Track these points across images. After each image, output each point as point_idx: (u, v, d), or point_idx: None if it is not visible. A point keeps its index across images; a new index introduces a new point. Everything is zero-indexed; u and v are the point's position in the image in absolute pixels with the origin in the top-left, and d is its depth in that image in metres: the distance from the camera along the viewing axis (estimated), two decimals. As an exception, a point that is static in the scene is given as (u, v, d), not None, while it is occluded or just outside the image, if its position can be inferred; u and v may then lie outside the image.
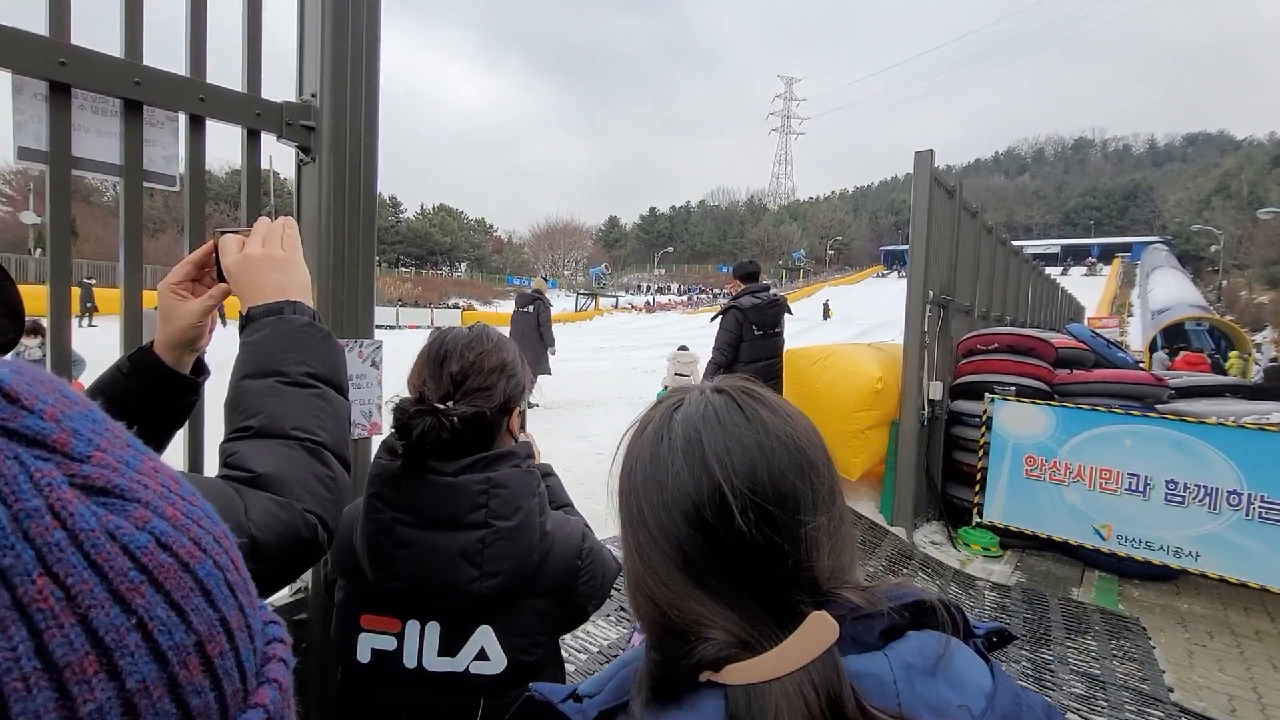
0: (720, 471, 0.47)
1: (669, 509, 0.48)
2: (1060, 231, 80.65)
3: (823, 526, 0.47)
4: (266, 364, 0.70)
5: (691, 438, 0.49)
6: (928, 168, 4.57)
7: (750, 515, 0.46)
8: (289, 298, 0.74)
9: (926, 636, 0.46)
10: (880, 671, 0.44)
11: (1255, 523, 3.61)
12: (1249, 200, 47.91)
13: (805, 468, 0.48)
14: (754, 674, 0.43)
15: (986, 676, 0.46)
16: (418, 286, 49.38)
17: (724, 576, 0.47)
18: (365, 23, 1.28)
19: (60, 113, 0.96)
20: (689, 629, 0.46)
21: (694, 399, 0.52)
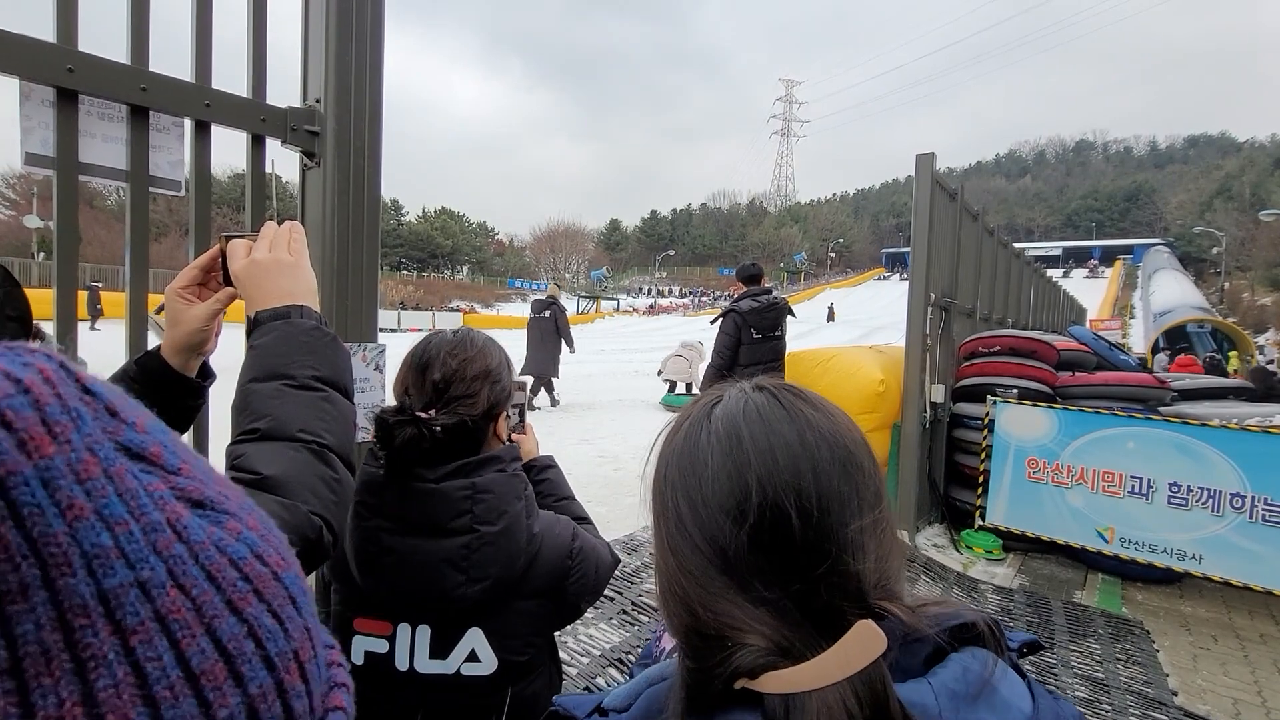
0: (761, 468, 0.45)
1: (707, 505, 0.47)
2: (1062, 234, 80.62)
3: (868, 529, 0.46)
4: (274, 367, 0.70)
5: (732, 433, 0.48)
6: (929, 171, 4.58)
7: (792, 514, 0.44)
8: (296, 302, 0.75)
9: (968, 659, 0.44)
10: (925, 701, 0.42)
11: (1259, 525, 3.60)
12: (1251, 202, 47.86)
13: (850, 466, 0.47)
14: (794, 683, 0.41)
15: (1027, 698, 0.45)
16: (419, 289, 49.46)
17: (764, 578, 0.45)
18: (369, 29, 1.29)
19: (67, 119, 0.97)
20: (724, 634, 0.44)
21: (734, 395, 0.51)
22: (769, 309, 4.40)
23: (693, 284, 72.05)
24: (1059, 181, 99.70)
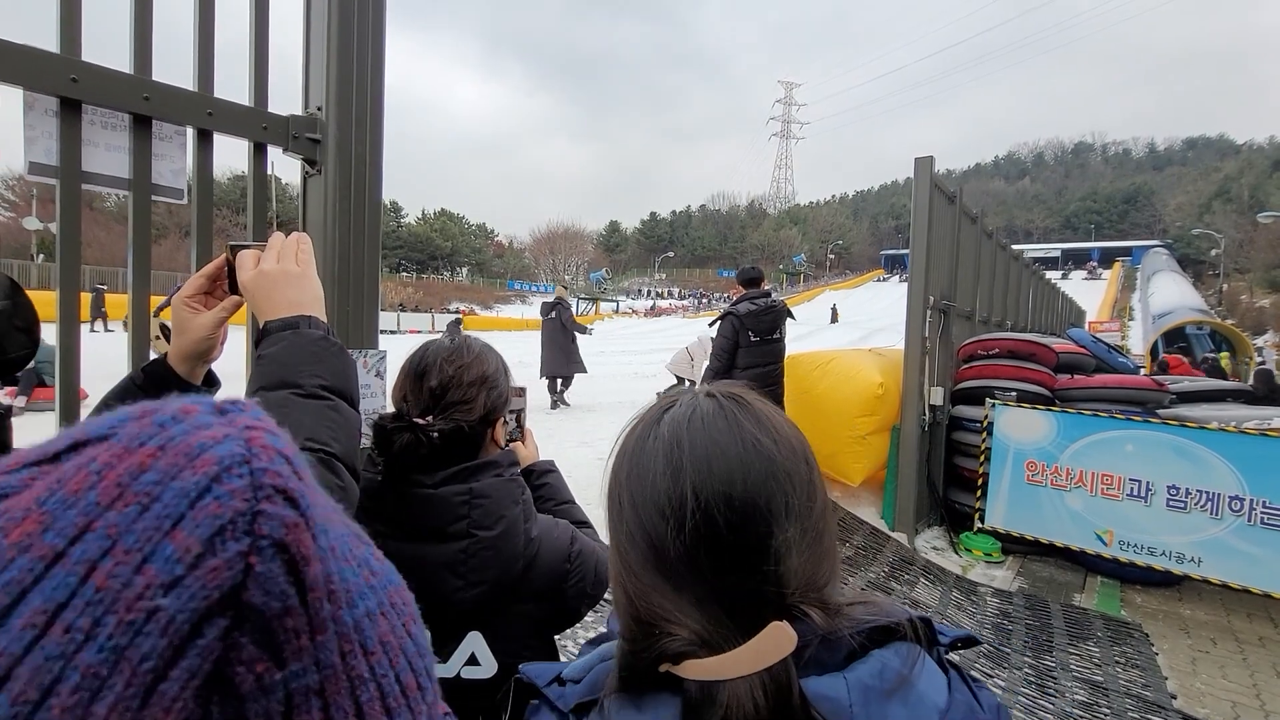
0: (696, 475, 0.48)
1: (647, 505, 0.50)
2: (1061, 235, 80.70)
3: (794, 539, 0.48)
4: (282, 376, 0.71)
5: (675, 439, 0.51)
6: (928, 173, 4.59)
7: (720, 519, 0.47)
8: (304, 312, 0.76)
9: (889, 655, 0.47)
10: (838, 695, 0.45)
11: (1257, 528, 3.60)
12: (1249, 204, 47.93)
13: (780, 478, 0.49)
14: (710, 671, 0.45)
15: (944, 693, 0.48)
16: (419, 291, 49.46)
17: (691, 576, 0.48)
18: (370, 37, 1.30)
19: (70, 128, 0.97)
20: (655, 622, 0.48)
21: (685, 402, 0.54)
22: (766, 312, 4.41)
23: (692, 286, 72.07)
24: (1058, 183, 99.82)
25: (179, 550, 0.18)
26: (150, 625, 0.17)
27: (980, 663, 3.01)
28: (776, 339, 4.46)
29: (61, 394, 1.00)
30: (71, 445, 0.19)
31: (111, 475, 0.18)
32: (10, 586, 0.16)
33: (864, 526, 4.59)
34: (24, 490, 0.18)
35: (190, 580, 0.18)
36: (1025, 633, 3.41)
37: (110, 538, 0.17)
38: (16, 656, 0.16)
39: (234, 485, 0.19)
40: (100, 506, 0.18)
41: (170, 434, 0.19)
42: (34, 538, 0.17)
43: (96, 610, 0.17)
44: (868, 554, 4.19)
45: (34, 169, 0.96)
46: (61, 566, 0.17)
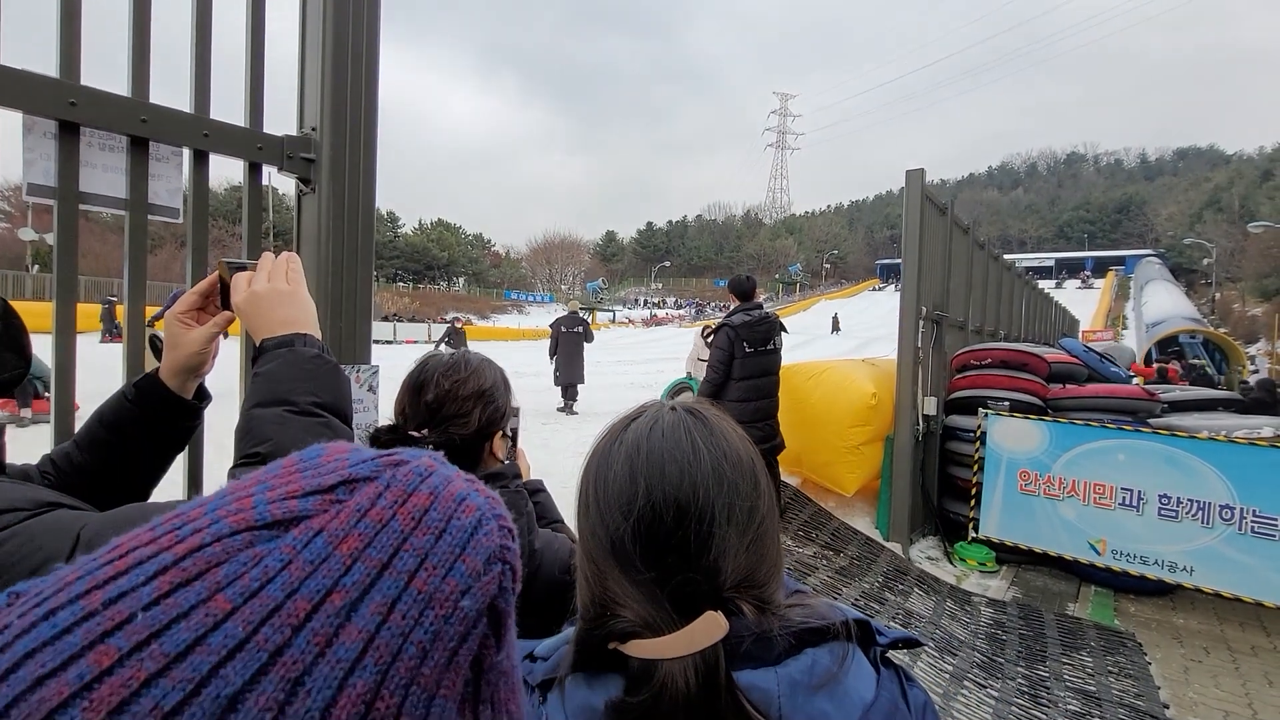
0: (650, 477, 0.55)
1: (609, 501, 0.56)
2: (1054, 245, 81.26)
3: (733, 540, 0.54)
4: (277, 393, 0.73)
5: (637, 444, 0.57)
6: (919, 186, 4.64)
7: (667, 517, 0.53)
8: (299, 330, 0.78)
9: (822, 653, 0.53)
10: (767, 686, 0.50)
11: (1248, 537, 3.63)
12: (1240, 214, 48.37)
13: (725, 485, 0.55)
14: (650, 651, 0.51)
15: (871, 689, 0.53)
16: (415, 301, 49.45)
17: (641, 565, 0.54)
18: (364, 59, 1.32)
19: (69, 150, 0.99)
20: (608, 605, 0.55)
21: (650, 413, 0.61)
22: (760, 323, 4.42)
23: (689, 295, 72.22)
24: (1050, 193, 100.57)
25: (469, 569, 0.25)
26: (454, 616, 0.24)
27: (974, 673, 3.02)
28: (771, 350, 4.47)
29: (57, 406, 1.02)
30: (344, 481, 0.25)
31: (405, 510, 0.25)
32: (355, 586, 0.22)
33: (858, 536, 4.60)
34: (322, 514, 0.24)
35: (476, 589, 0.25)
36: (1019, 642, 3.42)
37: (420, 555, 0.24)
38: (370, 634, 0.22)
39: (491, 526, 0.26)
40: (403, 533, 0.24)
41: (433, 483, 0.26)
42: (359, 553, 0.23)
43: (420, 606, 0.23)
44: (862, 564, 4.19)
45: (32, 190, 0.98)
46: (390, 574, 0.23)
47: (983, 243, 6.91)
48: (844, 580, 3.84)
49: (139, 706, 0.19)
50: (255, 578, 0.22)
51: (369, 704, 0.21)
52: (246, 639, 0.20)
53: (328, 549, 0.23)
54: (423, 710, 0.22)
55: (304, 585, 0.22)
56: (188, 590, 0.21)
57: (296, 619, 0.21)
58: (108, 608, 0.21)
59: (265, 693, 0.20)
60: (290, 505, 0.24)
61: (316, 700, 0.20)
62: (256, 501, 0.24)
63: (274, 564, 0.22)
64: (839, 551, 4.28)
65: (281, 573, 0.22)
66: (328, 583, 0.22)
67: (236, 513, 0.24)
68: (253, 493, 0.25)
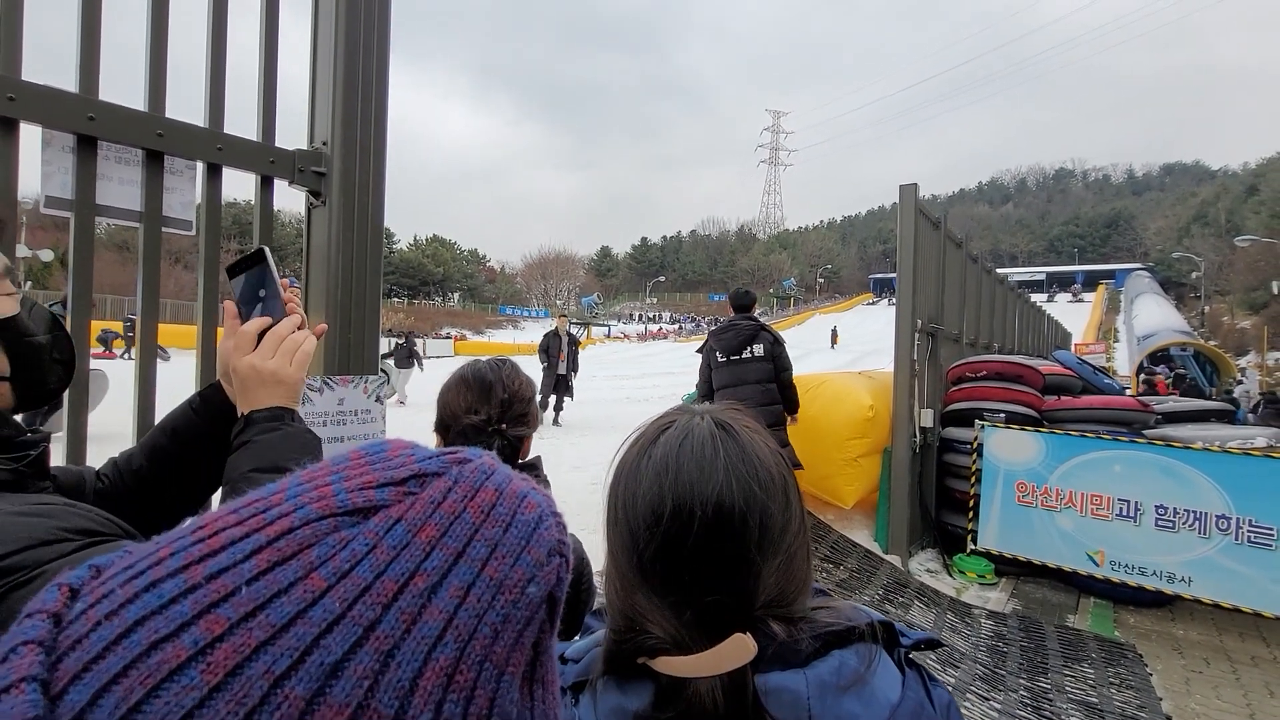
0: (680, 495, 0.53)
1: (636, 517, 0.55)
2: (1045, 259, 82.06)
3: (764, 560, 0.53)
4: (275, 460, 0.76)
5: (667, 459, 0.56)
6: (913, 200, 4.70)
7: (698, 537, 0.52)
8: (286, 407, 0.81)
9: (849, 655, 0.53)
10: (797, 688, 0.50)
11: (1245, 547, 3.64)
12: (1226, 228, 49.05)
13: (755, 506, 0.54)
14: (678, 669, 0.51)
15: (897, 690, 0.53)
16: (410, 316, 49.42)
17: (670, 583, 0.53)
18: (374, 75, 1.35)
19: (86, 164, 1.01)
20: (637, 620, 0.54)
21: (680, 424, 0.59)
22: (727, 330, 4.44)
23: (683, 310, 72.45)
24: (1041, 208, 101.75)
25: (533, 559, 0.27)
26: (521, 601, 0.26)
27: (976, 685, 3.01)
28: (748, 359, 4.42)
29: (71, 418, 1.02)
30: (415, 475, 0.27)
31: (474, 504, 0.27)
32: (435, 570, 0.24)
33: (858, 549, 4.60)
34: (399, 504, 0.26)
35: (540, 577, 0.27)
36: (1020, 655, 3.41)
37: (490, 545, 0.26)
38: (450, 614, 0.24)
39: (551, 522, 0.28)
40: (474, 525, 0.26)
41: (497, 481, 0.28)
42: (437, 541, 0.25)
43: (493, 590, 0.25)
44: (862, 577, 4.18)
45: (50, 202, 0.99)
46: (465, 561, 0.25)
47: (975, 256, 6.98)
48: (844, 593, 3.83)
49: (253, 670, 0.20)
50: (345, 559, 0.24)
51: (450, 676, 0.23)
52: (343, 614, 0.22)
53: (408, 536, 0.25)
54: (494, 685, 0.24)
55: (390, 568, 0.24)
56: (285, 568, 0.23)
57: (386, 598, 0.23)
58: (211, 581, 0.22)
59: (362, 663, 0.22)
60: (369, 494, 0.26)
61: (406, 671, 0.22)
62: (336, 490, 0.26)
63: (360, 548, 0.24)
64: (839, 564, 4.27)
65: (368, 555, 0.24)
66: (411, 566, 0.24)
67: (319, 499, 0.25)
68: (330, 481, 0.27)
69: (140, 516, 0.79)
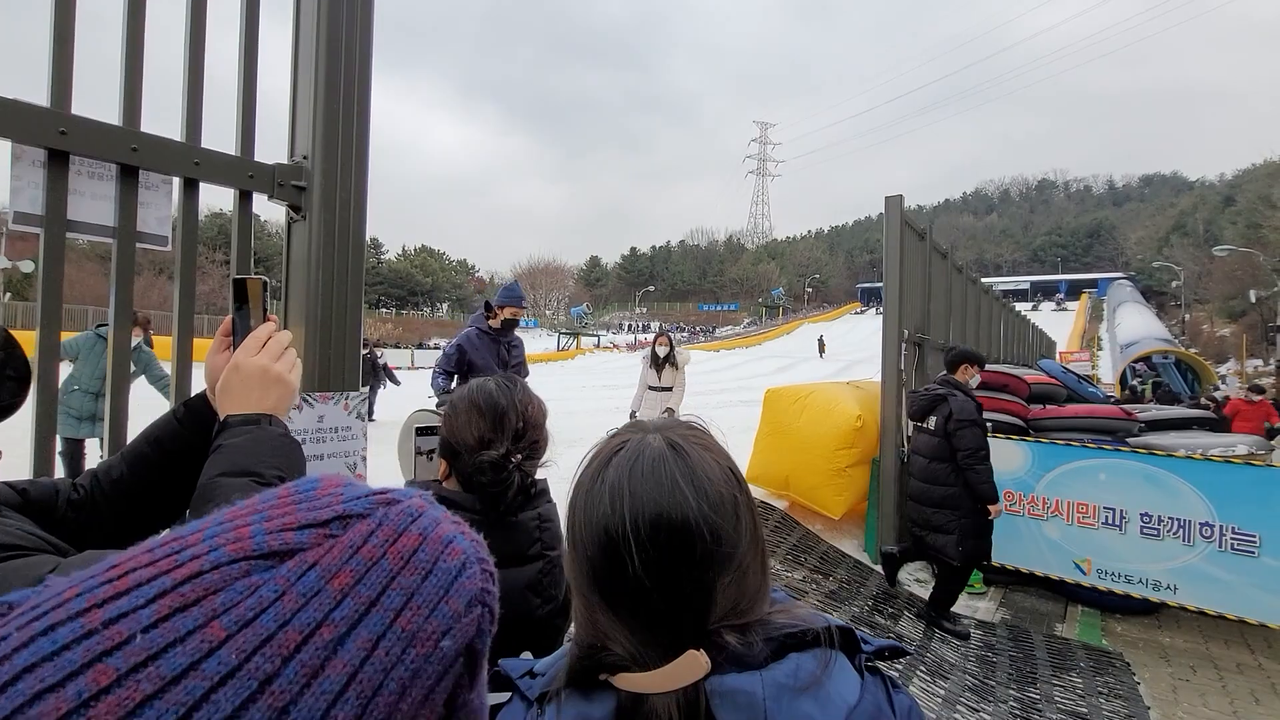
0: (631, 516, 0.55)
1: (593, 540, 0.56)
2: (1029, 269, 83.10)
3: (715, 577, 0.55)
4: (245, 465, 0.74)
5: (620, 482, 0.57)
6: (898, 211, 4.75)
7: (648, 557, 0.54)
8: (267, 412, 0.79)
9: (806, 658, 0.54)
10: (753, 689, 0.52)
11: (1228, 554, 3.68)
12: (1204, 238, 49.99)
13: (707, 525, 0.55)
14: (635, 685, 0.53)
15: (855, 693, 0.54)
16: (398, 327, 49.12)
17: (626, 602, 0.55)
18: (356, 88, 1.34)
19: (57, 178, 0.99)
20: (597, 637, 0.56)
21: (632, 445, 0.60)
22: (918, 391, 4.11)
23: (673, 319, 72.62)
24: (1024, 218, 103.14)
25: (451, 610, 0.26)
26: (434, 655, 0.25)
27: (965, 697, 3.00)
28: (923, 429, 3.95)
29: (38, 432, 0.99)
30: (338, 517, 0.26)
31: (395, 549, 0.26)
32: (343, 620, 0.23)
33: (847, 560, 4.59)
34: (317, 548, 0.25)
35: (456, 630, 0.26)
36: (1009, 664, 3.41)
37: (406, 594, 0.25)
38: (355, 668, 0.23)
39: (475, 570, 0.28)
40: (392, 572, 0.25)
41: (423, 524, 0.27)
42: (350, 588, 0.24)
43: (403, 643, 0.24)
44: (851, 587, 4.17)
45: (19, 218, 0.97)
46: (377, 611, 0.24)
47: (960, 266, 7.05)
48: (833, 604, 3.81)
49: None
50: (250, 607, 0.22)
51: None
52: (239, 666, 0.21)
53: (320, 583, 0.24)
54: None
55: (295, 617, 0.23)
56: (185, 616, 0.22)
57: (286, 650, 0.22)
58: (107, 627, 0.21)
59: None
60: (286, 537, 0.25)
61: None
62: (254, 531, 0.25)
63: (268, 594, 0.23)
64: (828, 575, 4.26)
65: (275, 603, 0.23)
66: (318, 616, 0.23)
67: (235, 541, 0.24)
68: (250, 522, 0.26)
69: (118, 527, 0.78)
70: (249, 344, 0.81)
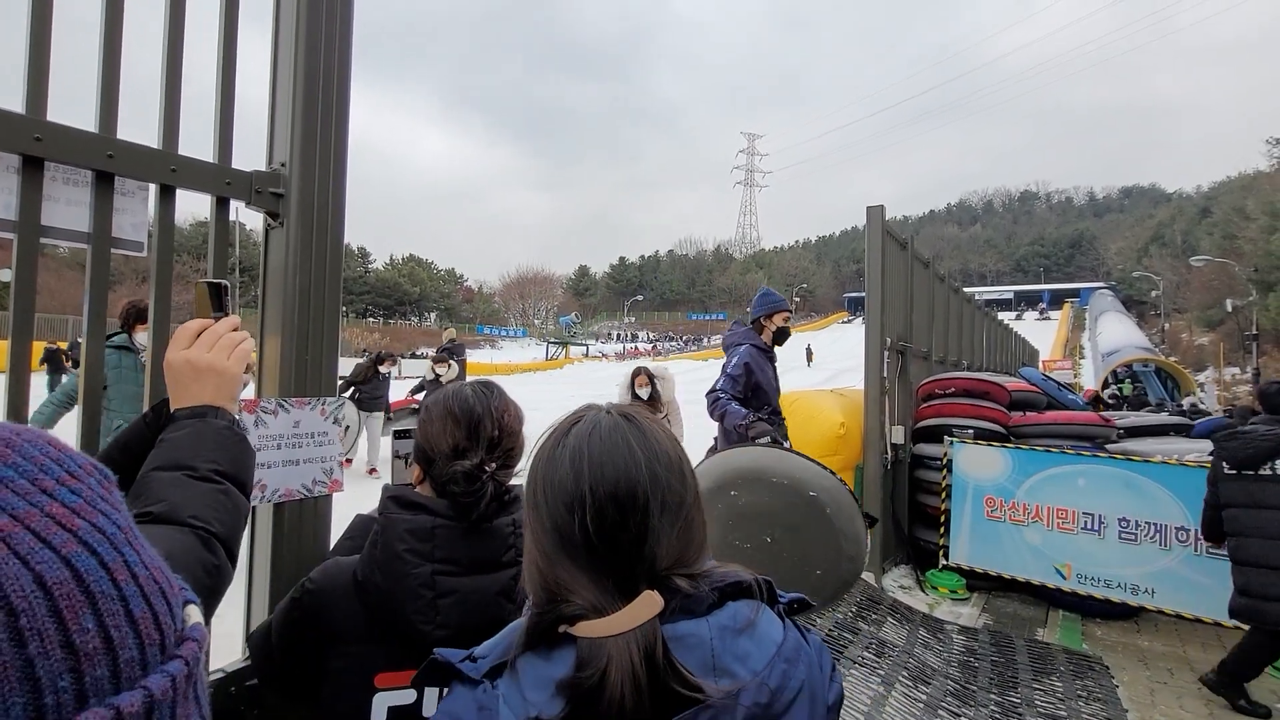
0: (592, 477, 0.62)
1: (556, 500, 0.63)
2: (1012, 278, 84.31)
3: (665, 528, 0.62)
4: (178, 459, 0.74)
5: (581, 445, 0.64)
6: (879, 222, 4.81)
7: (608, 512, 0.61)
8: (214, 404, 0.79)
9: (741, 605, 0.64)
10: (700, 632, 0.60)
11: (1204, 558, 3.74)
12: (1182, 249, 50.96)
13: (659, 483, 0.63)
14: (596, 630, 0.58)
15: (780, 632, 0.64)
16: (385, 337, 48.82)
17: (587, 555, 0.61)
18: (335, 95, 1.35)
19: (31, 185, 0.99)
20: (559, 591, 0.61)
21: (589, 418, 0.67)
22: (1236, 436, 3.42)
23: (662, 329, 72.72)
24: (1007, 229, 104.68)
25: None
26: None
27: (947, 701, 3.02)
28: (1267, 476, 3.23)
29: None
30: None
31: None
32: None
33: (832, 567, 4.61)
34: None
35: None
36: (991, 669, 3.43)
37: None
38: None
39: None
40: None
41: None
42: None
43: None
44: (836, 594, 4.19)
45: (-9, 224, 0.97)
46: None
47: (943, 276, 7.15)
48: (817, 612, 3.83)
49: None
50: None
51: None
52: None
53: None
54: None
55: None
56: None
57: None
58: None
59: None
60: None
61: None
62: None
63: None
64: (813, 582, 4.27)
65: None
66: None
67: None
68: None
69: None
70: (178, 339, 0.81)
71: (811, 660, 0.64)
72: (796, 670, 0.62)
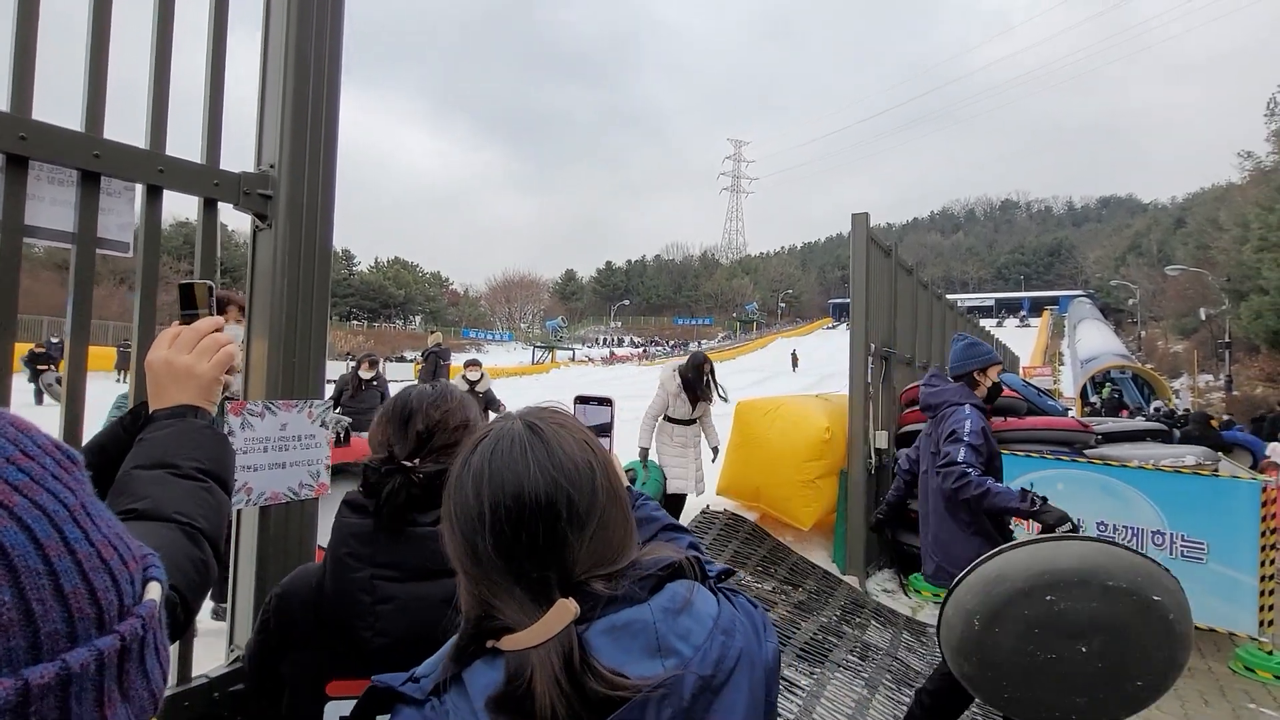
0: (493, 494, 0.62)
1: (465, 519, 0.63)
2: (994, 286, 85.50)
3: (575, 535, 0.63)
4: (160, 457, 0.74)
5: (483, 464, 0.64)
6: (864, 229, 4.87)
7: (511, 526, 0.61)
8: (193, 404, 0.79)
9: (678, 586, 0.65)
10: (644, 617, 0.61)
11: (1179, 561, 3.82)
12: (1158, 258, 52.04)
13: (560, 492, 0.63)
14: (519, 643, 0.59)
15: (714, 606, 0.66)
16: (370, 340, 48.35)
17: (499, 570, 0.62)
18: (325, 97, 1.35)
19: (15, 184, 0.98)
20: (481, 609, 0.62)
21: (494, 432, 0.67)
22: None
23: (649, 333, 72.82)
24: (988, 237, 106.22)
25: None
26: None
27: (930, 704, 3.05)
28: None
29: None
30: None
31: None
32: None
33: (816, 570, 4.64)
34: None
35: None
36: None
37: None
38: None
39: None
40: None
41: None
42: None
43: None
44: (820, 598, 4.22)
45: (-27, 223, 0.96)
46: None
47: (926, 283, 7.25)
48: (802, 614, 3.85)
49: None
50: None
51: None
52: None
53: None
54: None
55: None
56: None
57: None
58: None
59: None
60: None
61: None
62: None
63: None
64: (797, 586, 4.30)
65: None
66: None
67: None
68: None
69: None
70: (159, 341, 0.81)
71: (745, 628, 0.66)
72: (734, 640, 0.64)
